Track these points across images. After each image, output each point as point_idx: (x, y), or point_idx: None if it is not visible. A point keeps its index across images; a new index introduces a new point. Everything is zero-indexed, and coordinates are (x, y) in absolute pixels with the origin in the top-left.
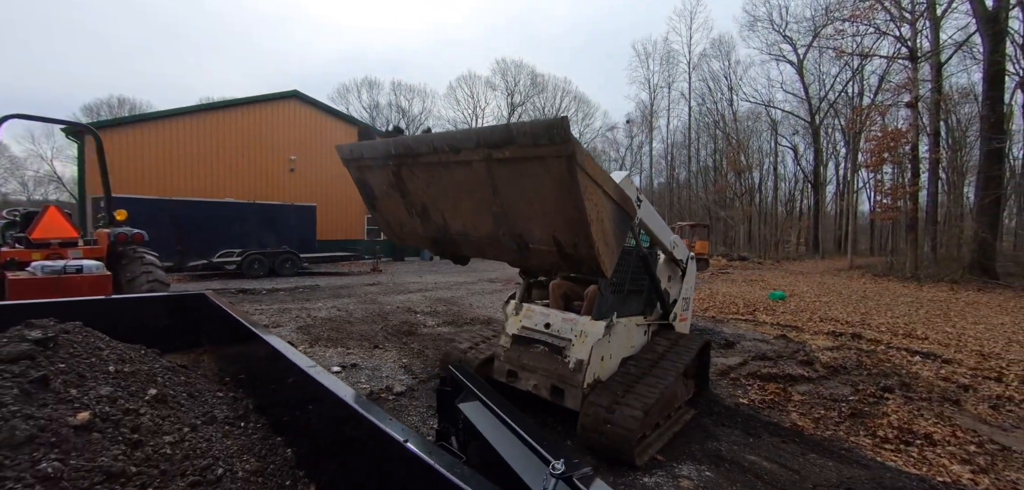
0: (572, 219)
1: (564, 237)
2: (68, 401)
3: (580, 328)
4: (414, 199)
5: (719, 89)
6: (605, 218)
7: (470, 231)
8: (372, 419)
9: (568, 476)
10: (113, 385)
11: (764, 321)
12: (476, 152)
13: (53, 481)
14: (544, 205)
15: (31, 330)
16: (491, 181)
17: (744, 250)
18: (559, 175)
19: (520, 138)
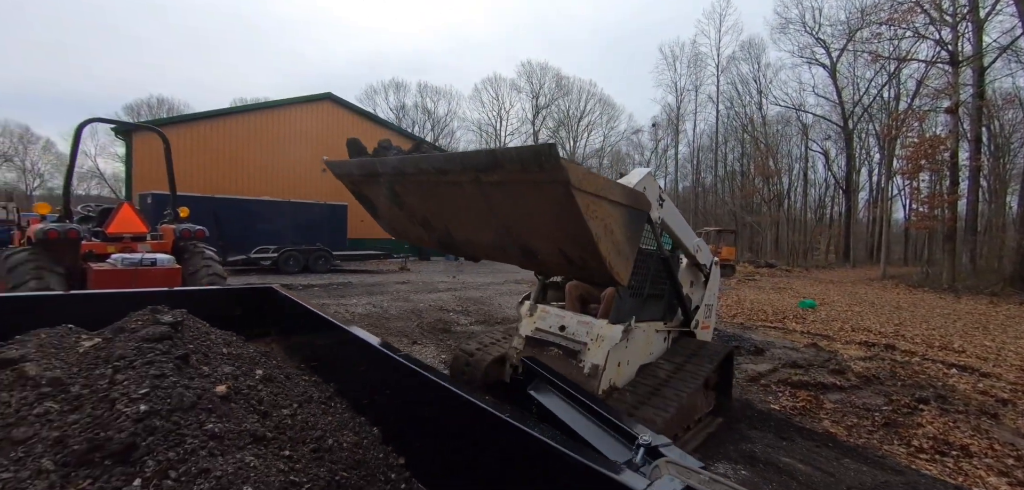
0: (578, 238)
1: (572, 252)
2: (204, 376)
3: (596, 331)
4: (413, 212)
5: (748, 92)
6: (615, 227)
7: (474, 239)
8: (457, 391)
9: (654, 447)
10: (231, 364)
11: (794, 329)
12: (464, 174)
13: (219, 439)
14: (545, 224)
15: (162, 315)
16: (486, 200)
17: (771, 257)
18: (556, 200)
19: (508, 164)
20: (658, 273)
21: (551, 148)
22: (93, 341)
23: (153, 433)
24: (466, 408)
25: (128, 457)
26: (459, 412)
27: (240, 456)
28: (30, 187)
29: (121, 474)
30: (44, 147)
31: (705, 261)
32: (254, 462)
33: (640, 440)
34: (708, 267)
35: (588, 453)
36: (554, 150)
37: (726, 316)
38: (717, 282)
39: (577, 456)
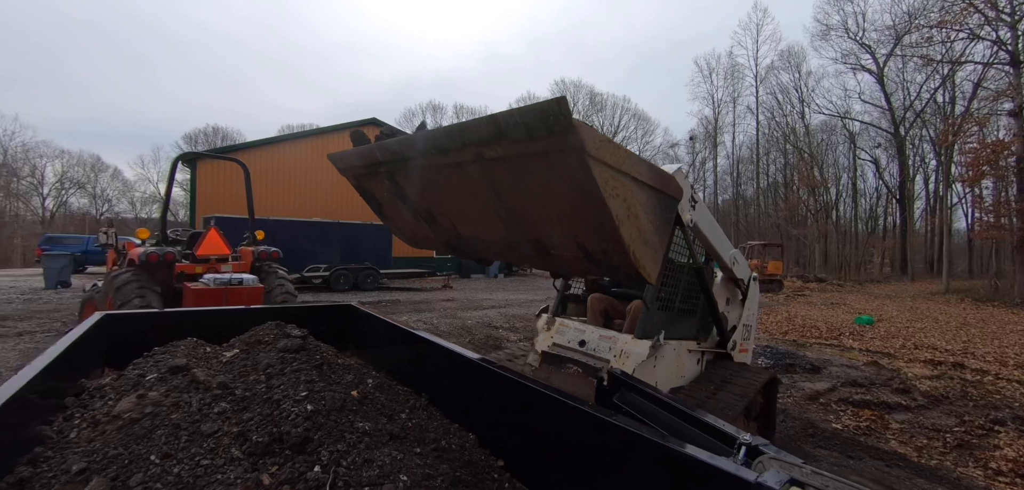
0: (596, 222)
1: (589, 242)
2: (337, 382)
3: (620, 347)
4: (416, 205)
5: (789, 102)
6: (640, 212)
7: (482, 236)
8: (552, 394)
9: (754, 446)
10: (349, 373)
11: (851, 347)
12: (465, 152)
13: (369, 435)
14: (558, 208)
15: (292, 329)
16: (490, 183)
17: (820, 271)
18: (569, 173)
19: (511, 132)
20: (690, 286)
21: (560, 103)
22: (233, 351)
23: (321, 429)
24: (569, 412)
25: (305, 448)
26: (560, 416)
27: (386, 450)
28: (99, 211)
29: (302, 462)
30: (112, 175)
31: (743, 275)
32: (398, 456)
33: (741, 439)
34: (746, 282)
35: (697, 448)
36: (564, 105)
37: (776, 332)
38: (756, 300)
39: (688, 451)
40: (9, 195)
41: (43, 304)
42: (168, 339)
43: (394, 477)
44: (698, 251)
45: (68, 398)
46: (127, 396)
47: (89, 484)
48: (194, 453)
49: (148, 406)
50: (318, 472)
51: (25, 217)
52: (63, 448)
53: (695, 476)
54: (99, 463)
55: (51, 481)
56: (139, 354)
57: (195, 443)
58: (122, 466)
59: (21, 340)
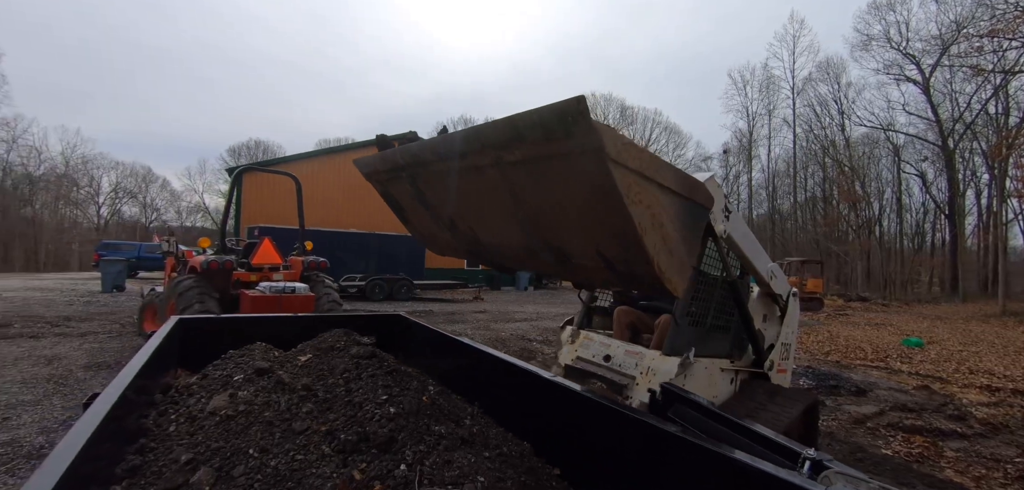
0: (618, 231)
1: (611, 251)
2: (407, 388)
3: (647, 363)
4: (438, 211)
5: (828, 114)
6: (666, 220)
7: (502, 243)
8: (609, 404)
9: (818, 461)
10: (415, 379)
11: (900, 369)
12: (483, 155)
13: (444, 438)
14: (578, 214)
15: (359, 338)
16: (509, 187)
17: (863, 289)
18: (589, 177)
19: (529, 133)
20: (724, 301)
21: (579, 102)
22: (307, 356)
23: (403, 430)
24: (628, 423)
25: (390, 447)
26: (618, 427)
27: (460, 453)
28: (149, 220)
29: (389, 460)
30: (161, 186)
31: (781, 291)
32: (472, 459)
33: (805, 454)
34: (785, 298)
35: (762, 461)
36: (582, 104)
37: (818, 353)
38: (796, 317)
39: (753, 463)
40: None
41: (101, 306)
42: (234, 343)
43: (473, 478)
44: (733, 264)
45: (157, 395)
46: (219, 395)
47: (197, 473)
48: (288, 449)
49: (241, 405)
50: (404, 470)
51: (82, 224)
52: (165, 440)
53: (762, 488)
54: (203, 455)
55: (162, 470)
56: (208, 357)
57: (288, 440)
58: (225, 458)
59: (85, 340)
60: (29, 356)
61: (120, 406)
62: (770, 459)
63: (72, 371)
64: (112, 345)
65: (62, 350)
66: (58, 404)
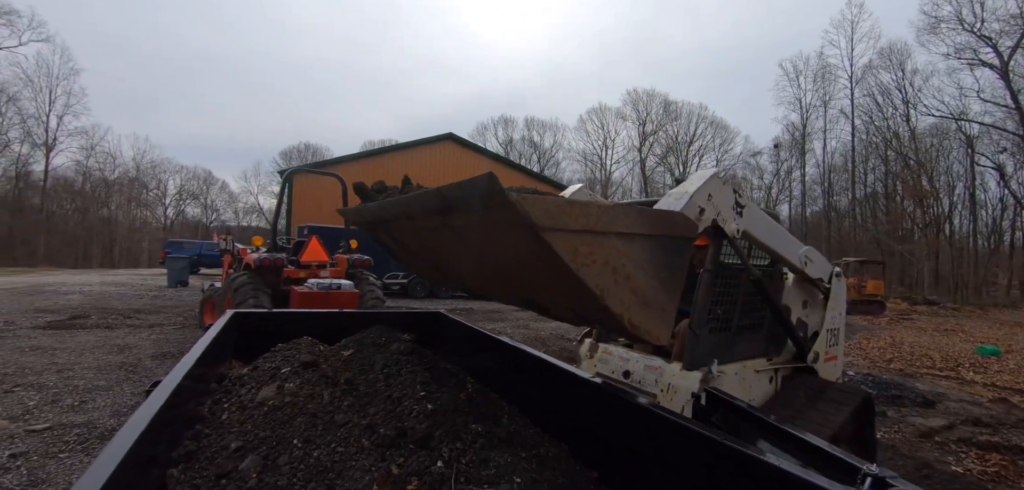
0: (578, 295)
1: (583, 310)
2: (446, 385)
3: (667, 380)
4: (421, 257)
5: (891, 103)
6: (634, 270)
7: (486, 288)
8: (645, 406)
9: (881, 478)
10: (452, 376)
11: (973, 380)
12: (430, 220)
13: (482, 436)
14: (537, 275)
15: (400, 334)
16: (468, 245)
17: (930, 292)
18: (528, 247)
19: (459, 206)
20: (752, 297)
21: (489, 180)
22: (350, 351)
23: (441, 427)
24: (674, 429)
25: (427, 444)
26: (663, 433)
27: (497, 452)
28: (209, 220)
29: (425, 456)
30: (220, 188)
31: (820, 273)
32: (509, 459)
33: (867, 470)
34: (826, 280)
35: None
36: (494, 183)
37: (879, 360)
38: (843, 298)
39: (809, 478)
40: (139, 205)
41: (167, 300)
42: (283, 336)
43: (509, 478)
44: (757, 259)
45: (212, 384)
46: (267, 386)
47: (246, 460)
48: (330, 441)
49: (287, 396)
50: (441, 467)
51: (151, 224)
52: (218, 427)
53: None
54: (251, 443)
55: (214, 456)
56: (260, 348)
57: (330, 432)
58: (271, 447)
59: (153, 331)
60: (104, 345)
61: (178, 394)
62: (824, 472)
63: (141, 360)
64: (176, 336)
65: (133, 340)
66: (128, 390)
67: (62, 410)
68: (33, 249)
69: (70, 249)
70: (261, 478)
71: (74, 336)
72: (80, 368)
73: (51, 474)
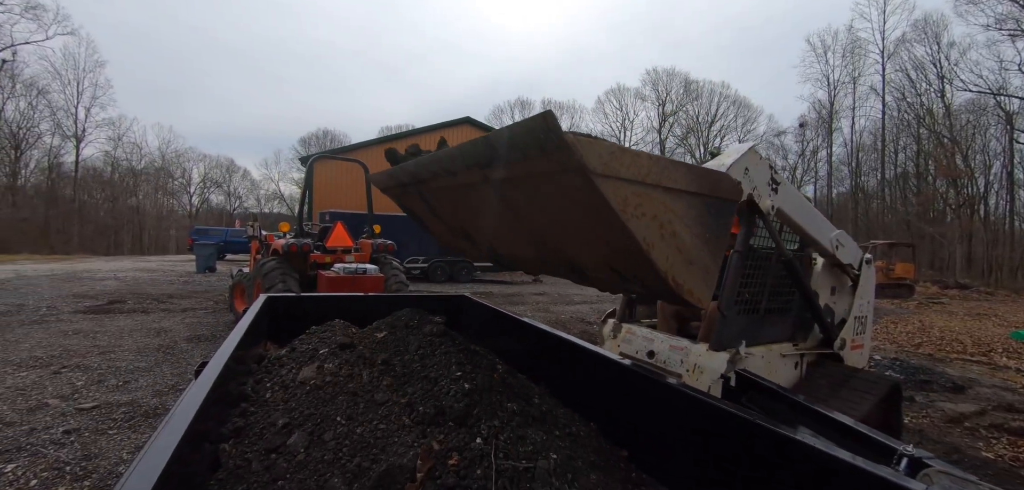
0: (622, 247)
1: (622, 266)
2: (478, 366)
3: (693, 360)
4: (451, 222)
5: (925, 79)
6: (679, 227)
7: (517, 254)
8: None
9: (918, 459)
10: (484, 357)
11: (1006, 366)
12: (472, 174)
13: (518, 415)
14: (579, 230)
15: (431, 316)
16: (507, 203)
17: (963, 276)
18: (577, 194)
19: (506, 153)
20: (780, 281)
21: (546, 118)
22: (383, 333)
23: (478, 405)
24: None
25: (466, 421)
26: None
27: (532, 430)
28: (233, 206)
29: (465, 433)
30: (242, 175)
31: (850, 259)
32: (544, 436)
33: (903, 450)
34: (856, 266)
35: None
36: (551, 121)
37: (907, 344)
38: (871, 286)
39: (844, 457)
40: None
41: (196, 286)
42: (314, 319)
43: (545, 455)
44: (788, 240)
45: (252, 365)
46: (307, 366)
47: (293, 436)
48: (371, 418)
49: (327, 376)
50: (480, 443)
51: (177, 212)
52: (263, 405)
53: (853, 486)
54: (297, 420)
55: (263, 431)
56: (292, 331)
57: (371, 410)
58: (316, 424)
59: (186, 315)
60: (141, 328)
61: (224, 374)
62: (858, 452)
63: (177, 342)
64: (208, 320)
65: (167, 324)
66: (168, 371)
67: (108, 390)
68: (67, 237)
69: (102, 237)
70: (309, 452)
71: (113, 320)
72: (121, 350)
73: (103, 449)
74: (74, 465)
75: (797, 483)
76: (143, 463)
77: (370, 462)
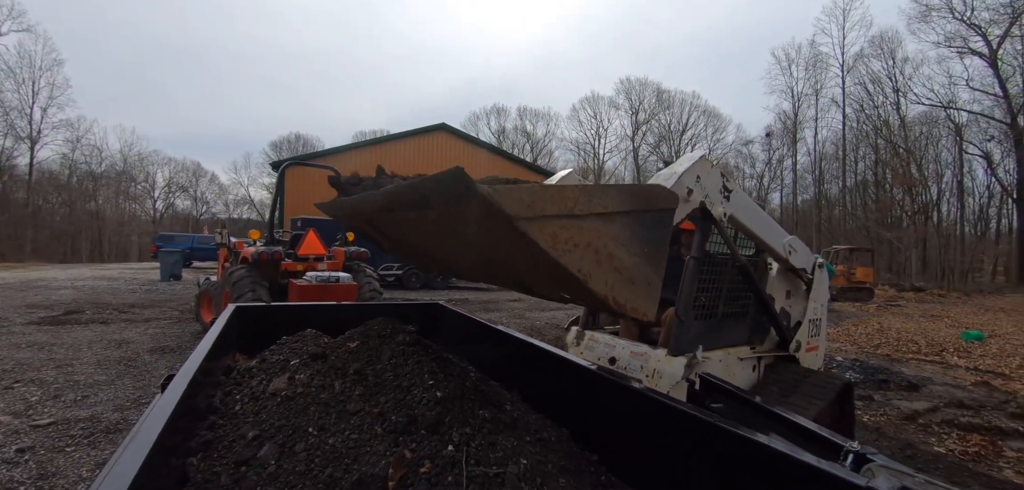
0: (562, 278)
1: (570, 291)
2: (451, 373)
3: (652, 366)
4: (402, 247)
5: (881, 92)
6: (616, 249)
7: (478, 274)
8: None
9: (862, 454)
10: (457, 365)
11: (956, 364)
12: (407, 212)
13: (489, 422)
14: (521, 262)
15: (404, 326)
16: (449, 233)
17: (918, 279)
18: (505, 238)
19: (434, 200)
20: (737, 286)
21: (456, 175)
22: (356, 342)
23: (450, 413)
24: (669, 413)
25: (438, 429)
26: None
27: (503, 437)
28: (199, 212)
29: (437, 441)
30: (210, 180)
31: (803, 264)
32: (515, 442)
33: (849, 447)
34: (809, 271)
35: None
36: (461, 177)
37: (867, 345)
38: (824, 289)
39: (795, 455)
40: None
41: (160, 294)
42: (285, 330)
43: (516, 460)
44: (743, 246)
45: (221, 377)
46: (278, 377)
47: (264, 448)
48: (343, 428)
49: (298, 387)
50: (452, 451)
51: (140, 217)
52: (233, 418)
53: (803, 480)
54: (268, 432)
55: (232, 444)
56: (262, 342)
57: (343, 420)
58: (287, 435)
59: (149, 325)
60: (101, 340)
61: (192, 386)
62: (810, 450)
63: (139, 354)
64: (173, 330)
65: (129, 335)
66: (130, 384)
67: (65, 405)
68: (20, 244)
69: (58, 244)
70: (280, 464)
71: (70, 331)
72: (79, 363)
73: (60, 467)
74: (29, 485)
75: (754, 479)
76: (107, 480)
77: (342, 472)
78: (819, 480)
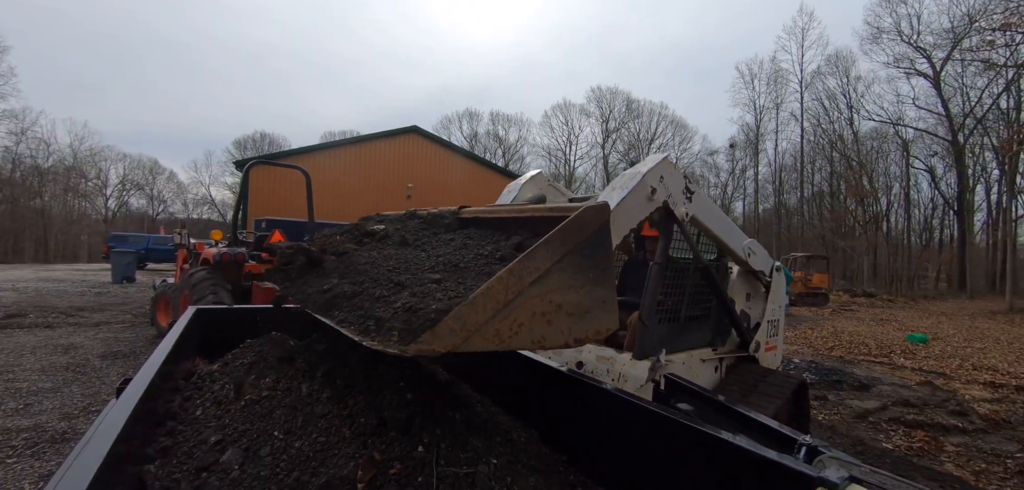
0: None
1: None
2: (422, 376)
3: (618, 370)
4: None
5: (836, 108)
6: (563, 298)
7: None
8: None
9: (813, 447)
10: (427, 367)
11: (903, 365)
12: None
13: (460, 423)
14: None
15: None
16: None
17: (869, 285)
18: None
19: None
20: (699, 289)
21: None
22: (323, 345)
23: (420, 415)
24: (633, 410)
25: (408, 430)
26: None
27: (473, 438)
28: (156, 212)
29: (406, 442)
30: (168, 178)
31: (762, 266)
32: (485, 443)
33: (802, 441)
34: (768, 274)
35: (761, 446)
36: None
37: (822, 348)
38: (782, 291)
39: (753, 449)
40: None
41: (112, 297)
42: (248, 333)
43: (486, 460)
44: (705, 248)
45: (180, 382)
46: (242, 381)
47: (227, 453)
48: (311, 431)
49: (264, 390)
50: (422, 452)
51: (90, 216)
52: (193, 423)
53: (759, 472)
54: (231, 436)
55: (192, 450)
56: (224, 346)
57: (310, 423)
58: (251, 439)
59: (100, 330)
60: (46, 345)
61: (150, 391)
62: (769, 445)
63: (89, 359)
64: (126, 335)
65: (77, 339)
66: (78, 391)
67: (5, 414)
68: None
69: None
70: (244, 469)
71: (11, 337)
72: (21, 370)
73: (1, 480)
74: None
75: (716, 473)
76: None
77: (309, 476)
78: (775, 471)
